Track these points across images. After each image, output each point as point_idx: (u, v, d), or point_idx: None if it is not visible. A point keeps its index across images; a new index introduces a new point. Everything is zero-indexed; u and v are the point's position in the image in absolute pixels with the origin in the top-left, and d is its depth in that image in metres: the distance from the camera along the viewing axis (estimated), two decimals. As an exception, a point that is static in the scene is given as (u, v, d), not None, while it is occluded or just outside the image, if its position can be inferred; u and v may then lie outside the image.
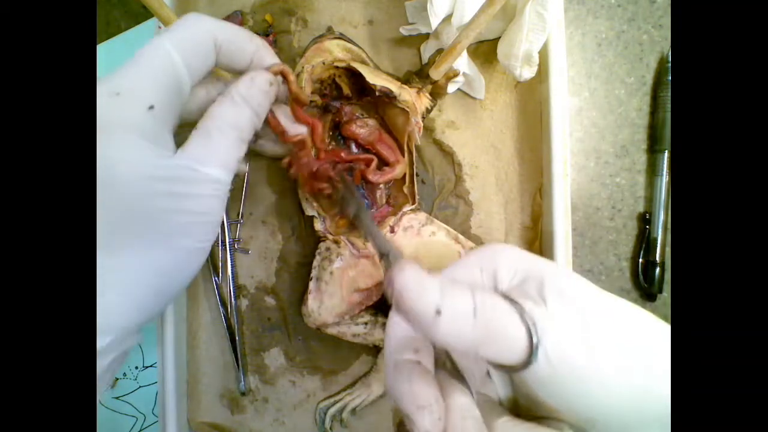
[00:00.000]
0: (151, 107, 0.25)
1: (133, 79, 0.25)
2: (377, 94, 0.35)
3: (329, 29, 0.39)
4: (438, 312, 0.18)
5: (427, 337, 0.18)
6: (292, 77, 0.31)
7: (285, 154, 0.35)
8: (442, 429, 0.19)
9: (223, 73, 0.35)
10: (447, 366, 0.23)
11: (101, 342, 0.24)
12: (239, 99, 0.27)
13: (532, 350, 0.18)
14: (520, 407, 0.23)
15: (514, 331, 0.19)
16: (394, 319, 0.23)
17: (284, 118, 0.32)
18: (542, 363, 0.19)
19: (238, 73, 0.29)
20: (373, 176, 0.38)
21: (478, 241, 0.41)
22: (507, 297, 0.20)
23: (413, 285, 0.18)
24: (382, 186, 0.40)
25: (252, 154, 0.42)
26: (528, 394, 0.21)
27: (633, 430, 0.20)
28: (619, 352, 0.19)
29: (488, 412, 0.21)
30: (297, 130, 0.33)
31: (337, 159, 0.37)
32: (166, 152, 0.25)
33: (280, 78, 0.30)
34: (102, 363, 0.25)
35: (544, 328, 0.19)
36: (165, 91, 0.25)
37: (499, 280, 0.22)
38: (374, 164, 0.38)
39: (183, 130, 0.28)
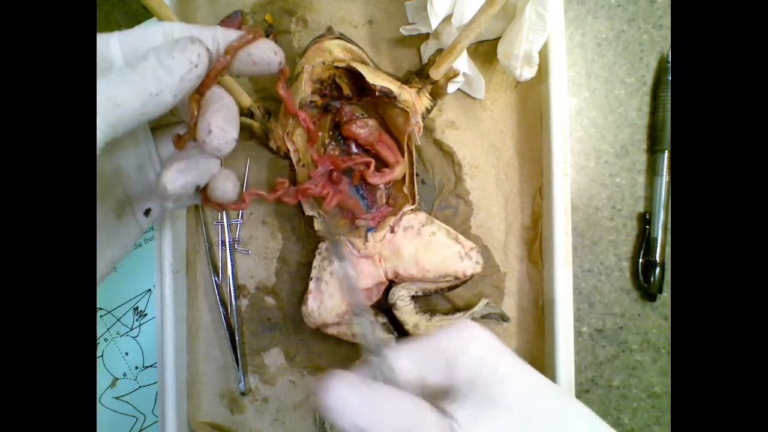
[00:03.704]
0: None
1: None
2: (377, 94, 0.35)
3: (329, 29, 0.39)
4: None
5: None
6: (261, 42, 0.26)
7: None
8: None
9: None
10: None
11: None
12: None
13: None
14: None
15: None
16: None
17: (221, 121, 0.26)
18: None
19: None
20: (372, 178, 0.38)
21: (478, 241, 0.41)
22: (448, 415, 0.20)
23: (339, 407, 0.19)
24: (382, 186, 0.40)
25: (254, 155, 0.42)
26: None
27: None
28: None
29: None
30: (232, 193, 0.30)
31: (334, 165, 0.37)
32: None
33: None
34: None
35: None
36: None
37: (458, 373, 0.22)
38: (373, 166, 0.38)
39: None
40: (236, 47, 0.25)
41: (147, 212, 0.30)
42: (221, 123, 0.26)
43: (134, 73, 0.23)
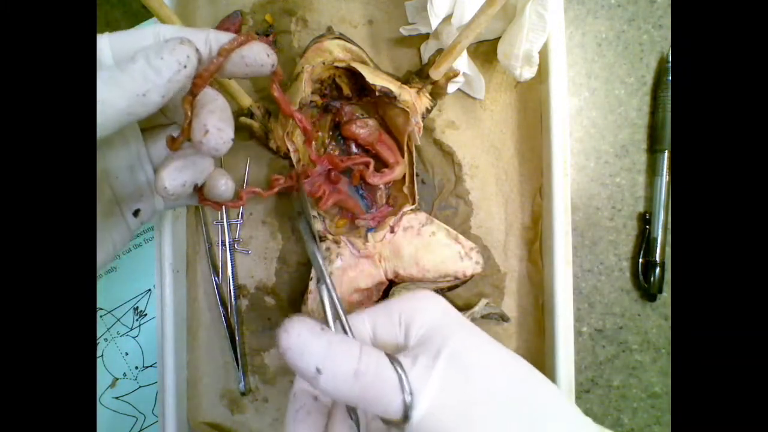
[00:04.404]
0: None
1: None
2: (377, 94, 0.35)
3: (329, 29, 0.39)
4: (318, 371, 0.20)
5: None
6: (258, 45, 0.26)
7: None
8: None
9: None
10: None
11: None
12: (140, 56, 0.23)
13: (407, 413, 0.21)
14: None
15: (392, 394, 0.21)
16: None
17: (217, 121, 0.26)
18: (415, 426, 0.21)
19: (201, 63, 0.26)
20: (372, 178, 0.38)
21: (478, 241, 0.41)
22: (395, 359, 0.22)
23: (295, 346, 0.20)
24: (382, 186, 0.40)
25: (252, 154, 0.42)
26: None
27: None
28: (499, 426, 0.21)
29: None
30: (228, 190, 0.30)
31: (333, 165, 0.37)
32: None
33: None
34: None
35: (420, 394, 0.21)
36: None
37: (410, 334, 0.24)
38: (372, 166, 0.38)
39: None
40: (228, 49, 0.25)
41: (136, 213, 0.30)
42: (217, 123, 0.26)
43: (122, 73, 0.23)
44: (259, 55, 0.26)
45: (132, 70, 0.23)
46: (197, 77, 0.25)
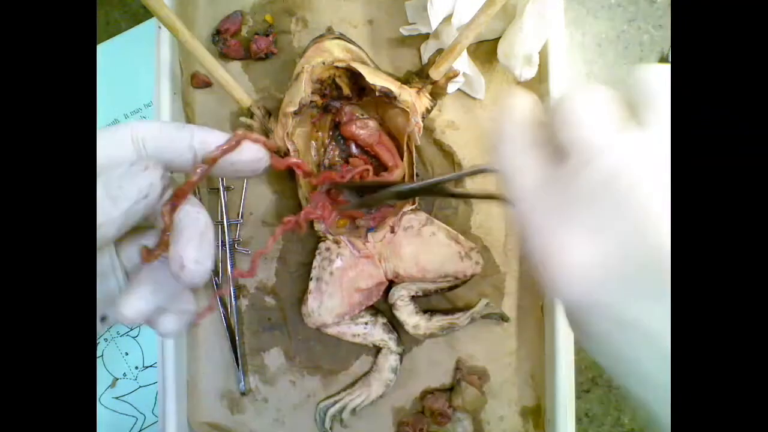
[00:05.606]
0: None
1: None
2: (377, 94, 0.35)
3: (329, 29, 0.39)
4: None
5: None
6: (261, 142, 0.26)
7: None
8: None
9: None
10: None
11: None
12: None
13: None
14: None
15: None
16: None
17: (195, 252, 0.24)
18: None
19: (184, 169, 0.25)
20: (372, 181, 0.38)
21: (478, 241, 0.41)
22: None
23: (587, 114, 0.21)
24: (382, 186, 0.40)
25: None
26: None
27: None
28: None
29: None
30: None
31: (333, 182, 0.37)
32: None
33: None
34: None
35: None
36: None
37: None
38: (371, 173, 0.37)
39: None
40: (213, 159, 0.24)
41: (103, 318, 0.27)
42: (195, 255, 0.24)
43: None
44: (249, 160, 0.25)
45: None
46: (178, 191, 0.24)
